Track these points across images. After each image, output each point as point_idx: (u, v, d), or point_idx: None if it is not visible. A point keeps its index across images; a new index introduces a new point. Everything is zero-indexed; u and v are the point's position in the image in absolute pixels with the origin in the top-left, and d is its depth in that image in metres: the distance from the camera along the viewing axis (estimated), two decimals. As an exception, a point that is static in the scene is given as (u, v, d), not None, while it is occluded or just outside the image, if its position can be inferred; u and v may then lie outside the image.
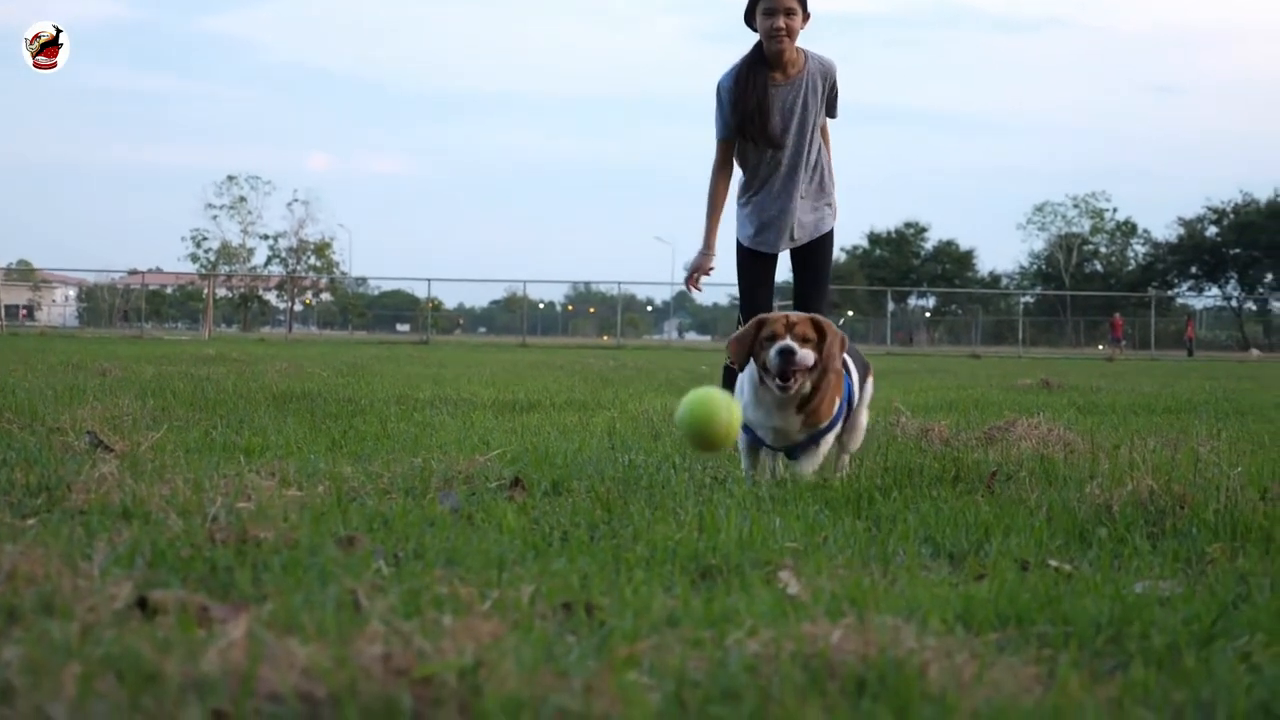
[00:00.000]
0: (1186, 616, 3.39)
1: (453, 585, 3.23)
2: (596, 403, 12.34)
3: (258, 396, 11.20)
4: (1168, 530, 4.95)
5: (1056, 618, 3.35)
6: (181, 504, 4.49)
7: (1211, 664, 2.94)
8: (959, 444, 8.22)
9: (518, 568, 3.72)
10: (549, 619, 3.09)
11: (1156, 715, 2.46)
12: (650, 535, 4.39)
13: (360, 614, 2.60)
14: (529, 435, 8.31)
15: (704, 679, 2.47)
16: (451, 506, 4.87)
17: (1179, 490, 5.58)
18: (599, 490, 5.47)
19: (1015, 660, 2.85)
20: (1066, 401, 14.33)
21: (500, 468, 6.14)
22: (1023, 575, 3.95)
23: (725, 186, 8.20)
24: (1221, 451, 7.87)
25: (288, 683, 2.23)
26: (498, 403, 11.73)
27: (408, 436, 7.95)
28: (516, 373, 19.75)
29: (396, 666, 2.30)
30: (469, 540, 4.16)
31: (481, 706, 2.20)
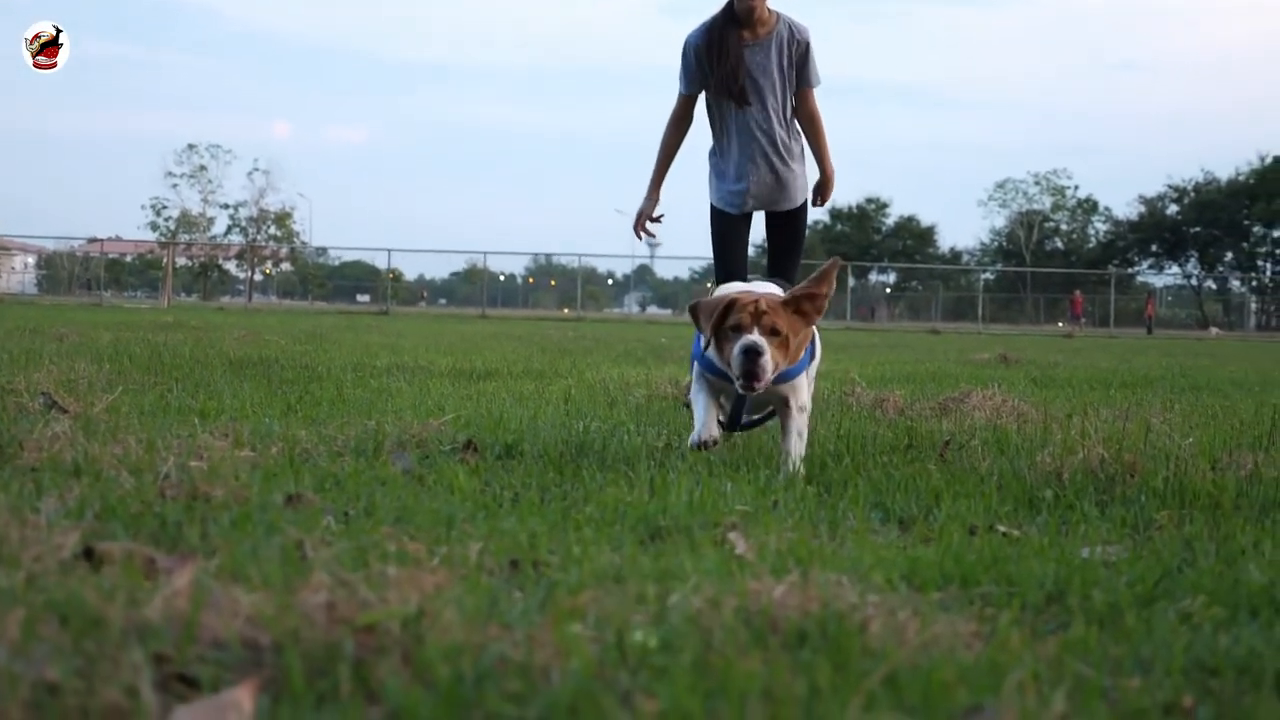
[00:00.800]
0: (1130, 579, 3.42)
1: (401, 541, 3.24)
2: (554, 372, 12.34)
3: (214, 362, 11.15)
4: (1117, 498, 4.99)
5: (1000, 578, 3.38)
6: (133, 462, 4.48)
7: (1152, 623, 2.98)
8: (913, 414, 8.26)
9: (467, 526, 3.73)
10: (496, 575, 3.10)
11: (1095, 670, 2.49)
12: (601, 497, 4.40)
13: (306, 565, 2.61)
14: (484, 402, 8.31)
15: (645, 632, 2.49)
16: (403, 468, 4.87)
17: (1129, 459, 5.63)
18: (552, 454, 5.48)
19: (957, 617, 2.87)
20: (1023, 376, 14.40)
21: (454, 432, 6.15)
22: (970, 539, 3.98)
23: (676, 138, 8.14)
24: (1174, 423, 7.93)
25: (231, 629, 2.23)
26: (455, 371, 11.72)
27: (363, 401, 7.94)
28: (475, 343, 19.72)
29: (340, 615, 2.30)
30: (419, 500, 4.17)
31: (423, 654, 2.21)
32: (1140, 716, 2.27)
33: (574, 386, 10.11)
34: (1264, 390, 13.02)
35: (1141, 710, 2.31)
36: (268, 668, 2.16)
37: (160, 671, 2.10)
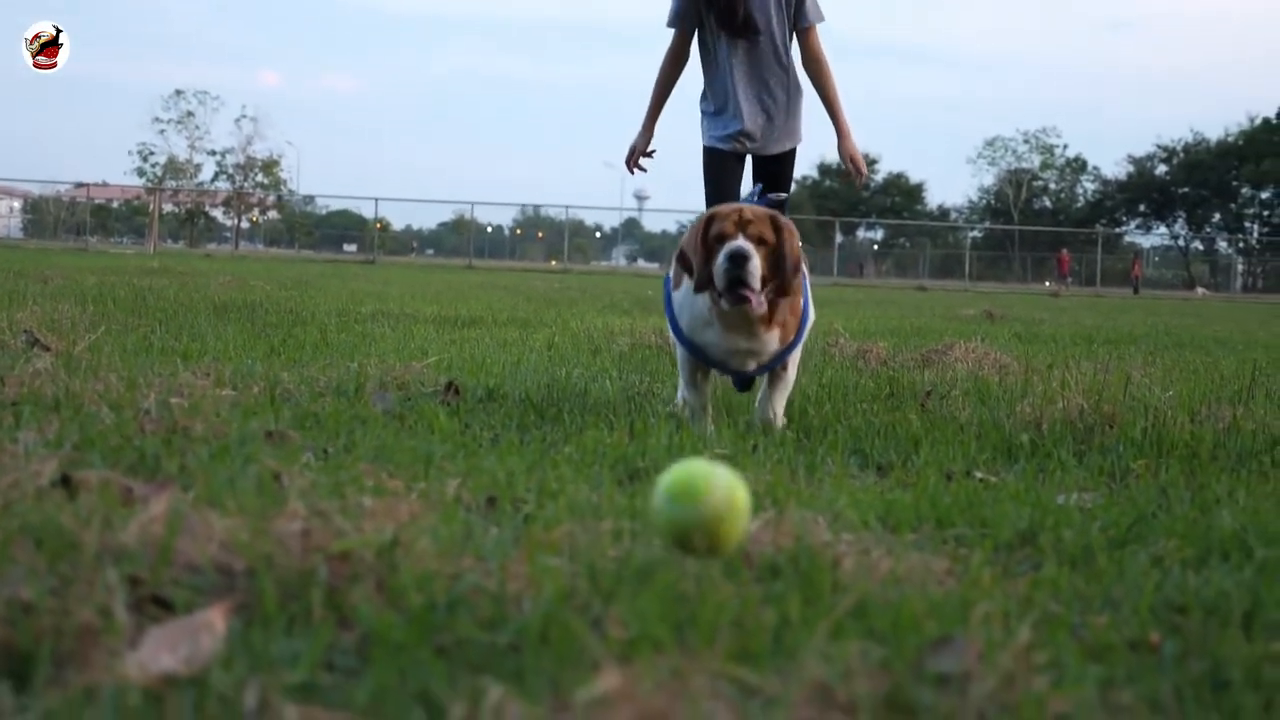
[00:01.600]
0: (1104, 524, 3.44)
1: (378, 477, 3.25)
2: (539, 320, 12.35)
3: (199, 306, 11.14)
4: (1095, 447, 5.02)
5: (975, 520, 3.40)
6: (114, 398, 4.48)
7: (1124, 565, 3.00)
8: (896, 365, 8.29)
9: (445, 464, 3.74)
10: (473, 510, 3.11)
11: (1064, 607, 2.51)
12: (580, 439, 4.42)
13: (282, 494, 2.62)
14: (468, 347, 8.32)
15: (618, 564, 2.51)
16: (384, 408, 4.88)
17: (1109, 410, 5.66)
18: (533, 398, 5.49)
19: (930, 556, 2.89)
20: (1008, 332, 14.43)
21: (436, 375, 6.15)
22: (946, 484, 4.00)
23: (673, 73, 7.87)
24: (1155, 377, 7.97)
25: (206, 554, 2.24)
26: (439, 318, 11.72)
27: (346, 345, 7.94)
28: (461, 292, 19.71)
29: (315, 543, 2.32)
30: (399, 438, 4.18)
31: (397, 582, 2.23)
32: (1107, 651, 2.29)
33: (558, 334, 10.12)
34: (1247, 348, 13.05)
35: (1108, 645, 2.33)
36: (241, 592, 2.18)
37: (134, 594, 2.11)
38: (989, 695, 1.89)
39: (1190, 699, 2.11)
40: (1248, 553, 3.19)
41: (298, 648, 1.96)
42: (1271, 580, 2.87)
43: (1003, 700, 1.88)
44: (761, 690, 1.84)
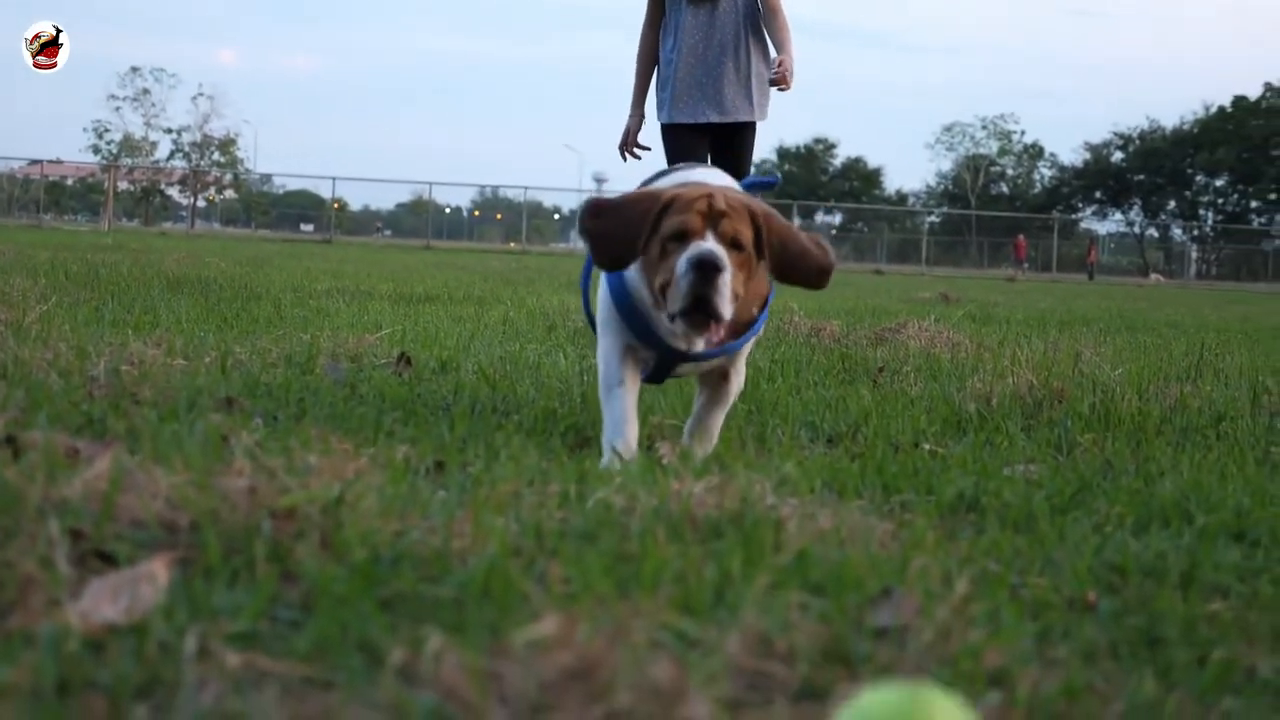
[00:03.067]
0: (1049, 492, 3.48)
1: (327, 440, 3.25)
2: (495, 298, 12.33)
3: (153, 281, 11.08)
4: (1043, 421, 5.06)
5: (920, 487, 3.43)
6: (63, 366, 4.47)
7: (1065, 530, 3.03)
8: (849, 342, 8.32)
9: (396, 429, 3.75)
10: (421, 473, 3.12)
11: (1004, 568, 2.54)
12: (532, 409, 4.43)
13: (228, 452, 2.62)
14: (422, 322, 8.31)
15: (563, 524, 2.52)
16: (336, 378, 4.88)
17: (1058, 386, 5.71)
18: (486, 370, 5.50)
19: (874, 519, 2.92)
20: (962, 313, 14.49)
21: (389, 347, 6.15)
22: (894, 453, 4.03)
23: (651, 43, 7.72)
24: (1106, 356, 8.02)
25: (150, 509, 2.24)
26: (395, 295, 11.69)
27: (300, 319, 7.92)
28: (417, 271, 19.67)
29: (261, 499, 2.32)
30: (350, 407, 4.18)
31: (341, 538, 2.23)
32: (1044, 608, 2.32)
33: (514, 311, 10.11)
34: (1197, 331, 13.16)
35: (1046, 603, 2.36)
36: (185, 546, 2.18)
37: (77, 547, 2.11)
38: (926, 647, 1.91)
39: (1125, 654, 2.14)
40: (1188, 519, 3.23)
41: (240, 599, 1.97)
42: (1210, 544, 2.91)
43: (940, 652, 1.91)
44: (701, 640, 1.86)
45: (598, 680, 1.67)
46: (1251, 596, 2.53)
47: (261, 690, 1.67)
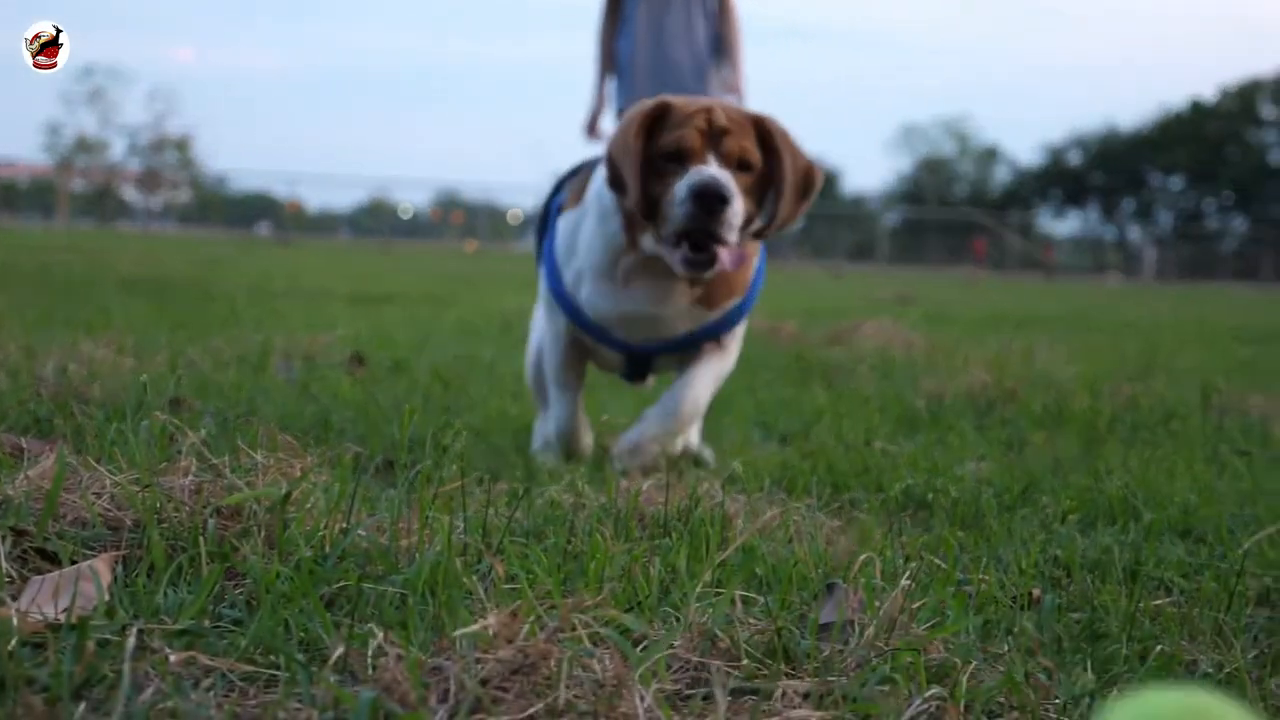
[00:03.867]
0: (998, 489, 3.50)
1: (276, 439, 3.24)
2: (452, 299, 12.32)
3: (106, 281, 11.03)
4: (995, 420, 5.09)
5: (870, 485, 3.44)
6: (11, 365, 4.44)
7: (1012, 527, 3.05)
8: (805, 341, 8.34)
9: (346, 428, 3.74)
10: (370, 471, 3.11)
11: (950, 565, 2.54)
12: (485, 408, 4.43)
13: (175, 449, 2.61)
14: (378, 322, 8.30)
15: (511, 522, 2.52)
16: (288, 377, 4.86)
17: (1011, 385, 5.74)
18: (440, 370, 5.49)
19: (823, 516, 2.93)
20: (919, 313, 14.55)
21: (343, 347, 6.13)
22: (846, 452, 4.04)
23: (610, 27, 7.64)
24: (1060, 356, 8.07)
25: (94, 508, 2.23)
26: (352, 295, 11.67)
27: (255, 320, 7.89)
28: (375, 271, 19.63)
29: (206, 497, 2.31)
30: (301, 406, 4.17)
31: (287, 536, 2.23)
32: (990, 603, 2.33)
33: (471, 312, 10.10)
34: (1152, 331, 13.24)
35: (992, 599, 2.37)
36: (128, 545, 2.17)
37: (18, 546, 2.10)
38: (869, 642, 1.92)
39: (1068, 648, 2.15)
40: (1135, 516, 3.26)
41: (183, 597, 1.96)
42: (1155, 540, 2.93)
43: (883, 646, 1.91)
44: (645, 636, 1.86)
45: (540, 675, 1.67)
46: (1195, 592, 2.54)
47: (201, 687, 1.67)
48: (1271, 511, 3.38)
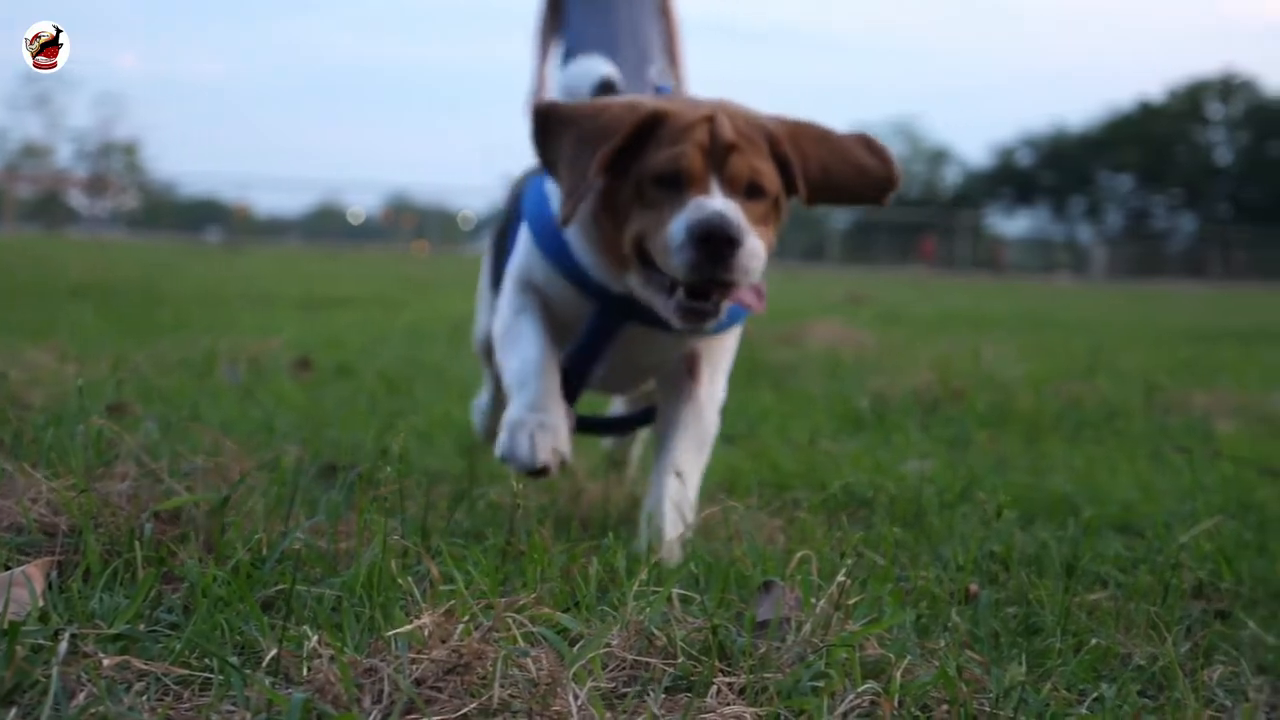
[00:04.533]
0: (940, 487, 3.52)
1: (217, 443, 3.23)
2: (403, 303, 12.29)
3: (53, 288, 10.95)
4: (940, 418, 5.11)
5: (814, 484, 3.46)
6: (-50, 372, 4.40)
7: (953, 524, 3.07)
8: (755, 342, 8.36)
9: (290, 433, 3.73)
10: (312, 475, 3.11)
11: (889, 562, 2.56)
12: (431, 411, 4.42)
13: (114, 455, 2.60)
14: (326, 326, 8.28)
15: (452, 524, 2.52)
16: (233, 382, 4.85)
17: (957, 385, 5.78)
18: (388, 373, 5.48)
19: (765, 515, 2.94)
20: (869, 313, 14.59)
21: (290, 352, 6.12)
22: (792, 451, 4.06)
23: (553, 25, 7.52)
24: (1008, 355, 8.12)
25: (30, 514, 2.22)
26: (302, 300, 11.62)
27: (203, 325, 7.85)
28: (325, 276, 19.56)
29: (143, 502, 2.30)
30: (245, 411, 4.16)
31: (225, 540, 2.22)
32: (926, 598, 2.35)
33: (420, 316, 10.09)
34: (1100, 331, 13.33)
35: (930, 595, 2.38)
36: (64, 550, 2.16)
37: (-47, 552, 2.09)
38: (805, 638, 1.93)
39: (1005, 643, 2.17)
40: (1075, 512, 3.28)
41: (118, 602, 1.96)
42: (1093, 536, 2.96)
43: (818, 642, 1.92)
44: (581, 634, 1.87)
45: (474, 675, 1.67)
46: (1132, 586, 2.57)
47: (134, 691, 1.66)
48: (1209, 506, 3.41)
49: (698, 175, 2.53)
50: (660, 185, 2.54)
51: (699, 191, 2.51)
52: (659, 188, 2.54)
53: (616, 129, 2.58)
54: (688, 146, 2.53)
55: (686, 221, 2.45)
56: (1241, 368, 8.42)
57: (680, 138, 2.55)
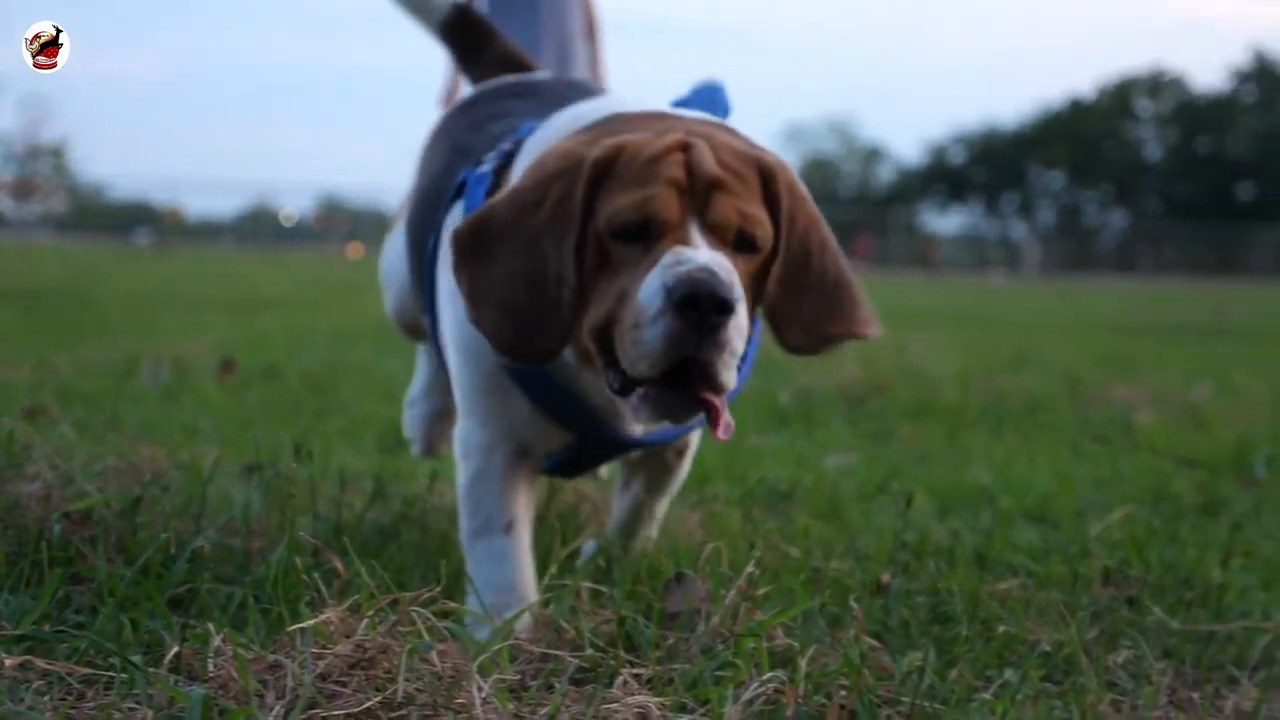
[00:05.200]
0: (859, 481, 3.55)
1: (135, 446, 3.21)
2: (333, 305, 12.24)
3: (-23, 292, 10.84)
4: (865, 413, 5.15)
5: (735, 479, 3.47)
6: None
7: (870, 516, 3.10)
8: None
9: (211, 434, 3.72)
10: (231, 475, 3.09)
11: (804, 554, 2.58)
12: (355, 411, 4.41)
13: (25, 456, 2.58)
14: (253, 328, 8.24)
15: (368, 522, 2.53)
16: (155, 384, 4.82)
17: (882, 380, 5.82)
18: (313, 374, 5.46)
19: (685, 510, 2.96)
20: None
21: (215, 354, 6.08)
22: (714, 447, 4.07)
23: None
24: (936, 351, 8.18)
25: (-69, 518, 2.21)
26: (230, 302, 11.55)
27: (128, 328, 7.80)
28: (256, 279, 19.44)
29: (54, 503, 2.29)
30: (167, 413, 4.14)
31: (137, 539, 2.21)
32: (838, 588, 2.37)
33: (347, 317, 10.05)
34: (1029, 326, 13.45)
35: (843, 586, 2.40)
36: (-30, 555, 2.15)
37: None
38: (714, 629, 1.94)
39: (915, 631, 2.19)
40: (992, 502, 3.32)
41: (24, 602, 1.95)
42: (1007, 526, 2.99)
43: (727, 633, 1.94)
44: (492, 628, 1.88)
45: (379, 669, 1.68)
46: (1043, 575, 2.60)
47: (35, 690, 1.66)
48: (1124, 496, 3.46)
49: (672, 220, 1.93)
50: (624, 239, 1.94)
51: (675, 241, 1.91)
52: (623, 243, 1.94)
53: (569, 200, 1.96)
54: (657, 186, 1.94)
55: (662, 282, 1.85)
56: (1164, 361, 8.52)
57: (647, 175, 1.95)
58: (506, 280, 1.97)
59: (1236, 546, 2.76)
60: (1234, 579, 2.62)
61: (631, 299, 1.88)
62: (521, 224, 1.98)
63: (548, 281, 1.95)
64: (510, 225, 1.98)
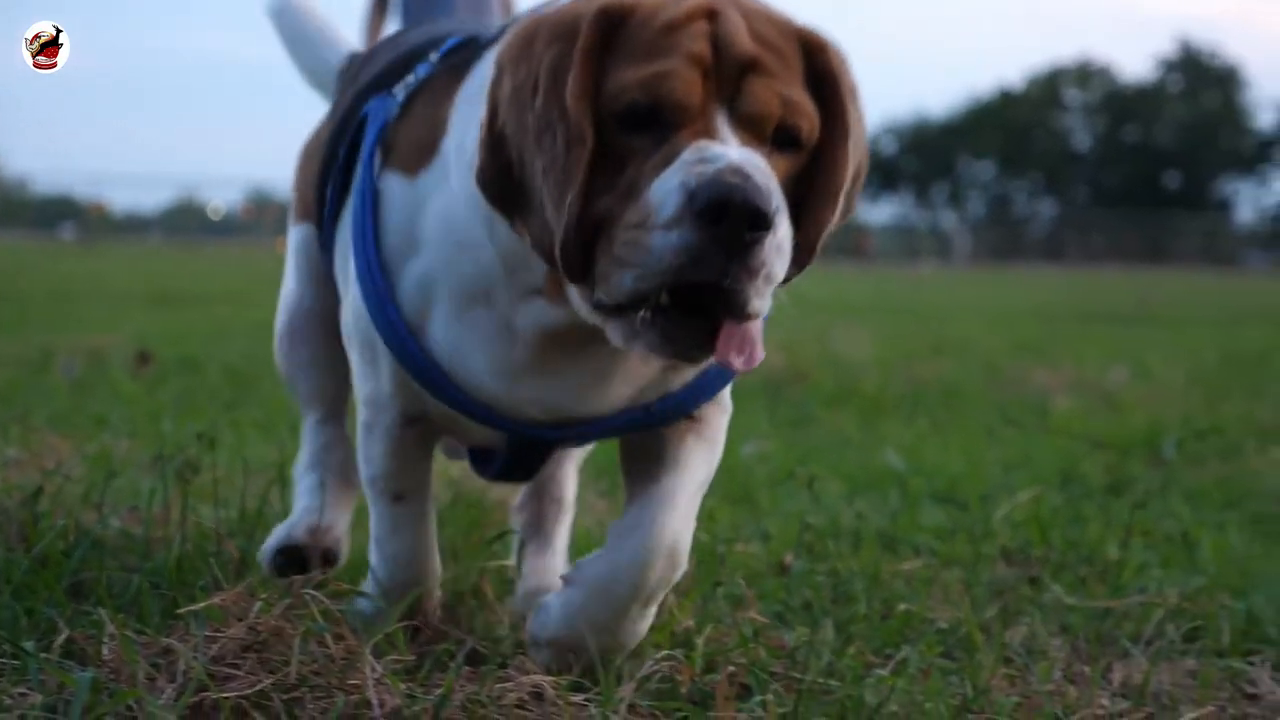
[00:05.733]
0: (772, 466, 3.57)
1: (41, 437, 3.20)
2: (257, 298, 12.14)
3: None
4: (785, 400, 5.18)
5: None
6: None
7: (780, 500, 3.13)
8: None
9: (121, 426, 3.70)
10: (139, 466, 3.08)
11: (712, 538, 2.59)
12: (272, 402, 4.40)
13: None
14: (173, 321, 8.18)
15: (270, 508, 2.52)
16: (68, 377, 4.78)
17: (804, 367, 5.85)
18: (233, 367, 5.44)
19: (594, 497, 2.98)
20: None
21: (132, 346, 6.04)
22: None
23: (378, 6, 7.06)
24: (860, 339, 8.23)
25: None
26: (153, 296, 11.46)
27: (46, 321, 7.72)
28: (181, 273, 19.30)
29: (-48, 495, 2.28)
30: (79, 405, 4.11)
31: (40, 529, 2.20)
32: (744, 571, 2.39)
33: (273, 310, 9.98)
34: (955, 314, 13.55)
35: (750, 569, 2.43)
36: None
37: None
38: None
39: (817, 610, 2.22)
40: (900, 484, 3.35)
41: (-83, 593, 1.94)
42: (915, 507, 3.03)
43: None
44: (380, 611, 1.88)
45: (273, 652, 1.68)
46: (947, 554, 2.63)
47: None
48: (1033, 478, 3.50)
49: (693, 107, 1.57)
50: (629, 125, 1.58)
51: (699, 134, 1.55)
52: (628, 130, 1.58)
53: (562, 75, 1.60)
54: (674, 60, 1.57)
55: (682, 180, 1.50)
56: (1083, 346, 8.61)
57: (660, 46, 1.58)
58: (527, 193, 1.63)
59: (1138, 525, 2.79)
60: (1133, 556, 2.66)
61: (640, 195, 1.53)
62: (523, 120, 1.62)
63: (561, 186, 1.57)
64: (514, 126, 1.63)
